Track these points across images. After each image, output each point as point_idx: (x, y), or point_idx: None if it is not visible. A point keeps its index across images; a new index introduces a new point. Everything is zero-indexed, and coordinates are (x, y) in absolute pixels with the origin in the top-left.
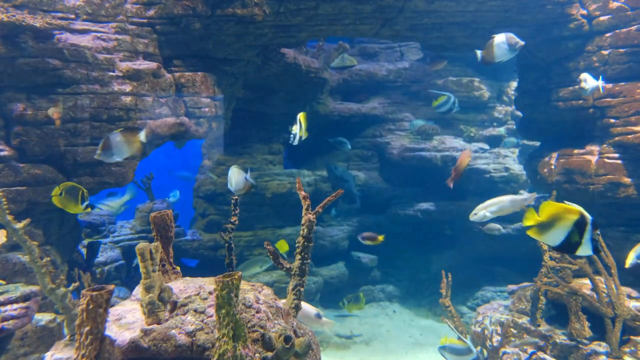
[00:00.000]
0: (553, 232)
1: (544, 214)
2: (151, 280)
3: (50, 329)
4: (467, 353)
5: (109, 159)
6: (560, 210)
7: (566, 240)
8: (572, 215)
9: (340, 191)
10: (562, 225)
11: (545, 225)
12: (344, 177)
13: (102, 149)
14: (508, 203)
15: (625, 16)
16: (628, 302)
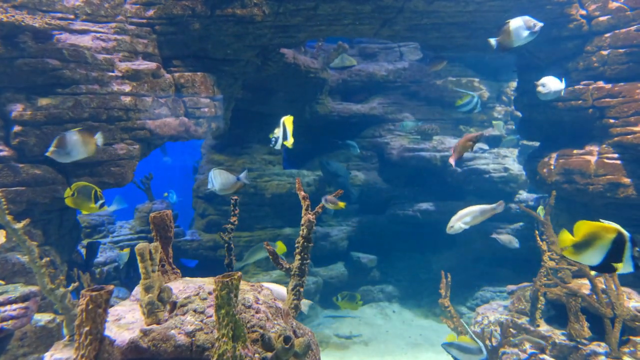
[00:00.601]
0: (591, 252)
1: (579, 233)
2: (150, 281)
3: (50, 329)
4: (477, 353)
5: (60, 157)
6: (596, 229)
7: (605, 260)
8: (609, 234)
9: (340, 191)
10: (599, 244)
11: (581, 245)
12: (337, 173)
13: (56, 147)
14: (479, 212)
15: (624, 16)
16: (627, 303)
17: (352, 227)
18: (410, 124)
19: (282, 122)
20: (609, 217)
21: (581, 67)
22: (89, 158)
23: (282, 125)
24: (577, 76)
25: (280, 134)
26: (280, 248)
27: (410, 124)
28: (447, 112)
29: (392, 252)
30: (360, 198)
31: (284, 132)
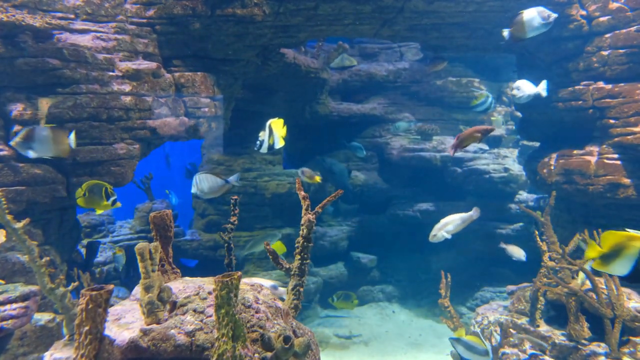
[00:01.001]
0: (619, 262)
1: (606, 244)
2: (150, 280)
3: (50, 329)
4: (483, 354)
5: (24, 150)
6: (623, 239)
7: (635, 269)
8: (636, 243)
9: (340, 191)
10: (627, 254)
11: (609, 256)
12: (333, 170)
13: (23, 138)
14: (459, 221)
15: (624, 17)
16: (627, 303)
17: (352, 227)
18: (403, 124)
19: (267, 125)
20: (609, 217)
21: (581, 68)
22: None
23: (267, 127)
24: (578, 76)
25: (266, 137)
26: (279, 248)
27: (403, 125)
28: (447, 112)
29: (392, 252)
30: (360, 198)
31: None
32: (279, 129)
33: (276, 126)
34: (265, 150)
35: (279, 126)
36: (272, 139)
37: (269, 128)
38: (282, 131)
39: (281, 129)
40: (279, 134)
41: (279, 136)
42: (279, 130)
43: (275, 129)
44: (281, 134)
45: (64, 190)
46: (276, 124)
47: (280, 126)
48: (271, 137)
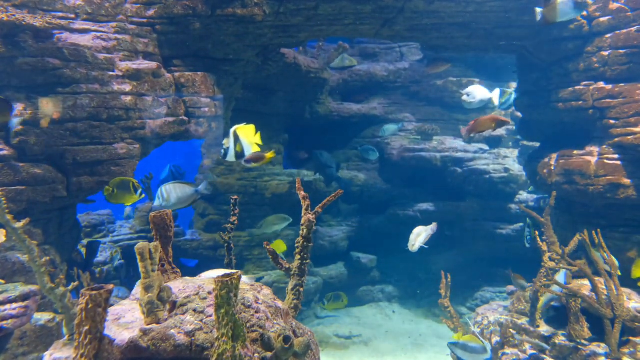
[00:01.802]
0: None
1: None
2: (150, 280)
3: (49, 329)
4: (481, 352)
5: None
6: None
7: None
8: None
9: (340, 191)
10: None
11: None
12: (328, 164)
13: None
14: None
15: (625, 17)
16: (627, 303)
17: (352, 227)
18: (391, 127)
19: (232, 132)
20: (610, 218)
21: (581, 68)
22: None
23: (232, 134)
24: (578, 77)
25: (231, 144)
26: (279, 247)
27: (391, 128)
28: (447, 112)
29: (392, 252)
30: (360, 198)
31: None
32: (248, 136)
33: (244, 133)
34: (232, 158)
35: (249, 133)
36: (239, 146)
37: (234, 135)
38: (253, 138)
39: (252, 136)
40: (248, 141)
41: (248, 143)
42: (249, 138)
43: (243, 136)
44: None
45: (64, 190)
46: (244, 131)
47: (250, 133)
48: (238, 144)
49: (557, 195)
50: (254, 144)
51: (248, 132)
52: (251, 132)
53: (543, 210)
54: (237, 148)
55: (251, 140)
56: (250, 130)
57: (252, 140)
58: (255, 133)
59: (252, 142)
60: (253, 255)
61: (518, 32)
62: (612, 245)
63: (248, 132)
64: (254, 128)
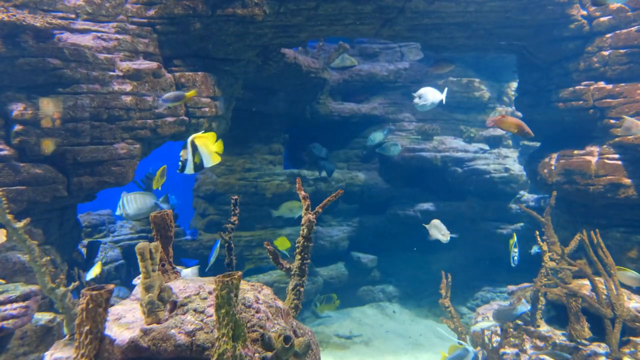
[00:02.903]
0: None
1: None
2: (151, 280)
3: (50, 329)
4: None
5: None
6: None
7: None
8: None
9: (340, 191)
10: None
11: None
12: (321, 156)
13: None
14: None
15: (625, 17)
16: (628, 303)
17: (352, 227)
18: (378, 135)
19: (189, 142)
20: (610, 217)
21: (582, 68)
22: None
23: (189, 144)
24: (578, 77)
25: (189, 155)
26: (284, 244)
27: (379, 136)
28: (447, 112)
29: (393, 252)
30: (360, 198)
31: (196, 152)
32: (207, 145)
33: (203, 142)
34: (191, 171)
35: (208, 142)
36: (198, 156)
37: (192, 145)
38: (213, 147)
39: (212, 145)
40: (208, 151)
41: (208, 153)
42: (208, 147)
43: (202, 145)
44: (212, 150)
45: (64, 190)
46: (203, 140)
47: (209, 142)
48: (197, 154)
49: (558, 195)
50: (214, 153)
51: (207, 141)
52: (210, 140)
53: (543, 210)
54: (196, 159)
55: (211, 150)
56: (209, 138)
57: (212, 149)
58: (215, 141)
59: (211, 151)
60: (253, 255)
61: (518, 32)
62: (612, 244)
63: (207, 141)
64: (214, 136)
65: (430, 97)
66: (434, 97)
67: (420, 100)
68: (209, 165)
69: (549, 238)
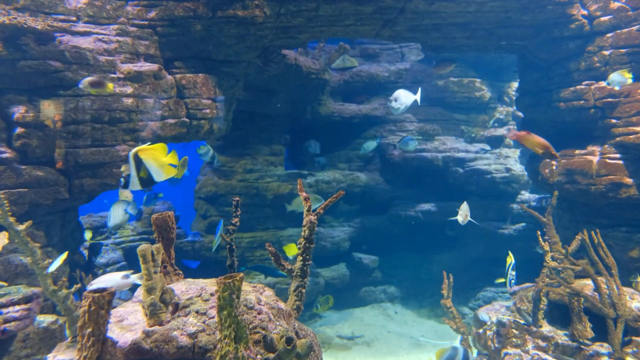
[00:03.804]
0: None
1: None
2: (153, 282)
3: (52, 331)
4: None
5: None
6: None
7: None
8: None
9: (342, 192)
10: None
11: None
12: (316, 153)
13: None
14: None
15: (626, 16)
16: (630, 303)
17: (353, 227)
18: (371, 144)
19: (131, 155)
20: (611, 217)
21: (583, 67)
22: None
23: (132, 158)
24: (579, 76)
25: (132, 170)
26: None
27: (371, 144)
28: (448, 112)
29: (394, 252)
30: (362, 199)
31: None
32: (156, 158)
33: (150, 155)
34: (137, 187)
35: (157, 154)
36: (144, 170)
37: (135, 159)
38: (165, 159)
39: (162, 156)
40: (158, 164)
41: (158, 166)
42: (157, 159)
43: (149, 158)
44: (164, 162)
45: (66, 192)
46: (149, 153)
47: (159, 154)
48: (142, 168)
49: (559, 195)
50: (167, 166)
51: (156, 153)
52: (160, 152)
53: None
54: (142, 173)
55: (162, 162)
56: (158, 150)
57: (163, 161)
58: (166, 152)
59: (162, 164)
60: (255, 256)
61: (519, 31)
62: (614, 244)
63: (156, 153)
64: (164, 147)
65: (404, 100)
66: (407, 99)
67: (396, 104)
68: (162, 179)
69: (551, 238)
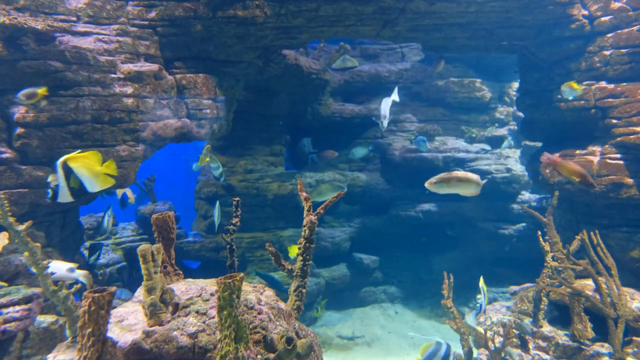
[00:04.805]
0: None
1: None
2: (153, 282)
3: (52, 331)
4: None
5: None
6: None
7: None
8: None
9: (342, 192)
10: None
11: None
12: (310, 150)
13: None
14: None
15: (626, 16)
16: (630, 303)
17: (354, 228)
18: (361, 150)
19: (59, 164)
20: (612, 217)
21: (583, 68)
22: None
23: (60, 167)
24: (580, 76)
25: (60, 180)
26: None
27: (361, 151)
28: (449, 113)
29: (394, 253)
30: (362, 199)
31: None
32: (88, 166)
33: (81, 163)
34: (68, 198)
35: (91, 162)
36: (74, 180)
37: (64, 167)
38: (100, 167)
39: (96, 165)
40: (91, 173)
41: (91, 175)
42: (90, 168)
43: (80, 166)
44: (98, 171)
45: None
46: (80, 161)
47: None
48: (72, 177)
49: (560, 195)
50: (102, 175)
51: (88, 161)
52: (93, 160)
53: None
54: (72, 183)
55: (95, 171)
56: (90, 158)
57: (97, 170)
58: (101, 161)
59: (97, 172)
60: (255, 256)
61: (519, 32)
62: (614, 244)
63: (88, 161)
64: (98, 155)
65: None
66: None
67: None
68: (97, 190)
69: (551, 238)
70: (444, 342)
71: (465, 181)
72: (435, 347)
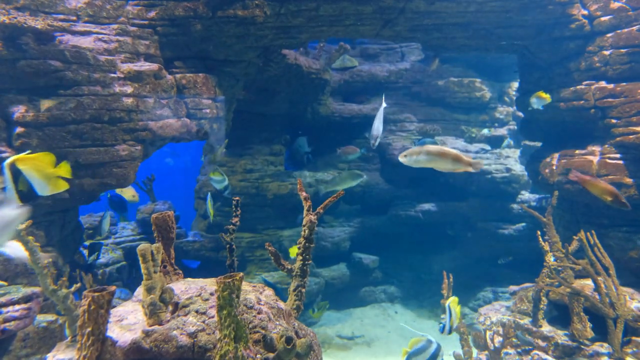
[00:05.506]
0: None
1: None
2: (152, 282)
3: (52, 330)
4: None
5: None
6: None
7: None
8: None
9: (342, 192)
10: None
11: None
12: (305, 149)
13: None
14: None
15: (626, 16)
16: (630, 303)
17: (354, 227)
18: (352, 157)
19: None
20: (611, 217)
21: (583, 67)
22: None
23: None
24: (579, 76)
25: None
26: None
27: (352, 157)
28: (448, 112)
29: (394, 252)
30: (362, 199)
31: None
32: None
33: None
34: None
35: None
36: (23, 182)
37: (12, 169)
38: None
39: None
40: (42, 175)
41: (42, 178)
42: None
43: (30, 168)
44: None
45: (66, 192)
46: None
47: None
48: (21, 180)
49: (559, 195)
50: (55, 178)
51: (39, 163)
52: (45, 162)
53: (545, 210)
54: (21, 186)
55: (47, 173)
56: (42, 159)
57: (50, 172)
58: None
59: (49, 175)
60: (255, 256)
61: (519, 31)
62: (614, 245)
63: (39, 163)
64: (50, 157)
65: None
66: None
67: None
68: (47, 193)
69: (551, 238)
70: (435, 341)
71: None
72: (424, 343)
